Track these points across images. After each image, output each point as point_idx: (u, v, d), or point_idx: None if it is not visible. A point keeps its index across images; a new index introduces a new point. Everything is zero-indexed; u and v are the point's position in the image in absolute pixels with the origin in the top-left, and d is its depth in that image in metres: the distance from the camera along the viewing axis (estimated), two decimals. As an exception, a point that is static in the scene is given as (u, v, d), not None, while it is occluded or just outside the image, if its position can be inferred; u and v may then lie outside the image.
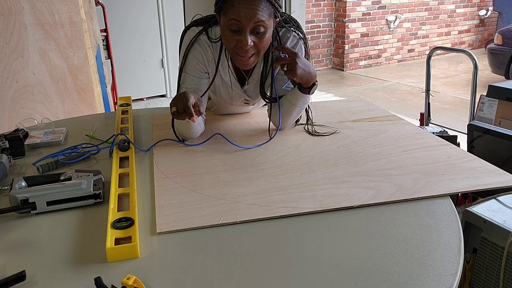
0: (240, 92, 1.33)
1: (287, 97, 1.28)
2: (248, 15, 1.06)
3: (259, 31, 1.09)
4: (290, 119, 1.32)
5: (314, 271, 0.70)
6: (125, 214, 0.85)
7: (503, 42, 4.99)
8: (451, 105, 4.62)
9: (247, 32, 1.08)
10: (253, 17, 1.06)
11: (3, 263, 0.74)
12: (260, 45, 1.12)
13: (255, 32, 1.10)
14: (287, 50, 1.16)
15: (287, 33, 1.26)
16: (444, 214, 0.86)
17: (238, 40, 1.10)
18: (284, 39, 1.26)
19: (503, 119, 2.31)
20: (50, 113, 2.35)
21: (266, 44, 1.15)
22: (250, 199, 0.93)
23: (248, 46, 1.09)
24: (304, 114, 1.38)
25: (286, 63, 1.15)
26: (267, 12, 1.08)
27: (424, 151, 1.17)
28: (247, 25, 1.07)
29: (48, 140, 1.28)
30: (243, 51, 1.11)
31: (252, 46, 1.11)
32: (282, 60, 1.15)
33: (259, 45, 1.12)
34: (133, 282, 0.65)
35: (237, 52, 1.13)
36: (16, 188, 0.92)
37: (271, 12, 1.10)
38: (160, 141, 1.26)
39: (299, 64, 1.15)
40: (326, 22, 6.39)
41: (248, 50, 1.11)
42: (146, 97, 4.87)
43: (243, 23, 1.07)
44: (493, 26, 7.68)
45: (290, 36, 1.26)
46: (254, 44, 1.11)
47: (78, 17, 2.32)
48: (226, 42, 1.14)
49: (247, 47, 1.10)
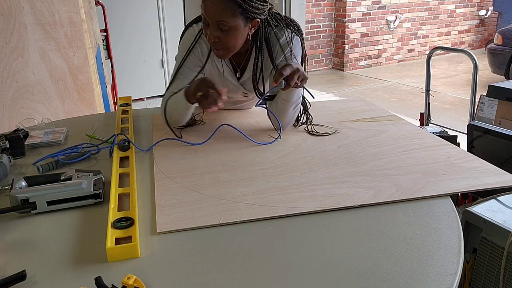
0: (236, 84, 1.37)
1: (280, 95, 1.30)
2: (210, 12, 1.13)
3: (223, 28, 1.15)
4: (288, 117, 1.32)
5: (314, 271, 0.70)
6: (125, 214, 0.85)
7: (503, 42, 4.99)
8: (451, 105, 4.62)
9: (211, 27, 1.16)
10: (214, 14, 1.13)
11: (3, 263, 0.74)
12: (225, 41, 1.17)
13: (219, 28, 1.15)
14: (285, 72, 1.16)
15: (280, 31, 1.29)
16: (444, 214, 0.86)
17: (209, 33, 1.18)
18: (278, 36, 1.29)
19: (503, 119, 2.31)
20: (50, 113, 2.35)
21: (233, 42, 1.18)
22: (250, 199, 0.93)
23: (211, 39, 1.17)
24: (303, 114, 1.38)
25: (297, 82, 1.19)
26: (229, 12, 1.12)
27: (424, 151, 1.17)
28: (210, 20, 1.15)
29: (48, 140, 1.28)
30: (211, 43, 1.19)
31: (217, 41, 1.17)
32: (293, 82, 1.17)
33: (224, 41, 1.17)
34: (133, 282, 0.65)
35: (210, 44, 1.21)
36: (16, 188, 0.92)
37: (236, 12, 1.13)
38: (160, 141, 1.26)
39: (301, 70, 1.19)
40: (326, 22, 6.39)
41: (215, 43, 1.18)
42: (146, 97, 4.87)
43: (208, 18, 1.15)
44: (493, 26, 7.69)
45: (284, 33, 1.29)
46: (219, 39, 1.17)
47: (78, 17, 2.32)
48: (204, 35, 1.22)
49: (211, 40, 1.17)
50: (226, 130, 1.35)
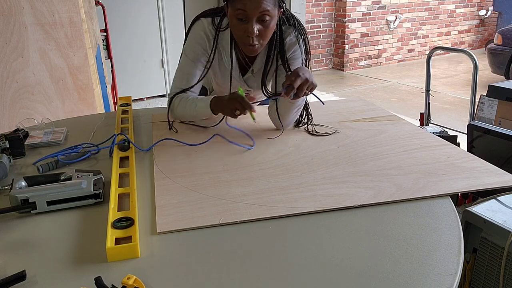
0: (240, 81, 1.38)
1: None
2: (253, 5, 1.12)
3: (265, 19, 1.15)
4: (290, 117, 1.33)
5: (314, 271, 0.70)
6: (125, 214, 0.85)
7: (503, 42, 4.99)
8: (451, 105, 4.62)
9: (253, 21, 1.14)
10: (259, 7, 1.12)
11: (3, 263, 0.74)
12: (265, 33, 1.18)
13: (261, 20, 1.15)
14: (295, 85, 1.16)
15: (288, 30, 1.30)
16: (444, 214, 0.86)
17: (245, 29, 1.16)
18: (285, 35, 1.30)
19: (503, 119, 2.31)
20: (50, 113, 2.34)
21: (271, 32, 1.21)
22: (250, 199, 0.93)
23: (254, 34, 1.15)
24: (304, 114, 1.38)
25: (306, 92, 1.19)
26: (272, 2, 1.14)
27: (424, 151, 1.17)
28: (253, 14, 1.13)
29: (48, 140, 1.28)
30: (250, 39, 1.17)
31: (257, 35, 1.17)
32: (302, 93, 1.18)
33: (264, 33, 1.18)
34: (133, 282, 0.65)
35: (243, 41, 1.19)
36: (16, 188, 0.92)
37: (275, 2, 1.16)
38: (160, 140, 1.26)
39: (310, 80, 1.17)
40: (326, 22, 6.39)
41: (254, 38, 1.17)
42: (146, 97, 4.87)
43: (249, 12, 1.13)
44: (493, 26, 7.69)
45: (291, 33, 1.30)
46: (259, 33, 1.17)
47: (78, 17, 2.32)
48: (234, 31, 1.21)
49: (253, 35, 1.16)
50: (226, 130, 1.35)
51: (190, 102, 1.30)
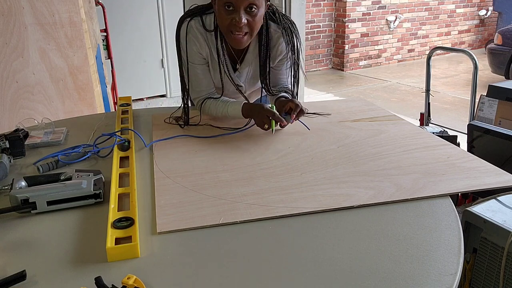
0: (232, 76, 1.39)
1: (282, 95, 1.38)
2: None
3: (252, 9, 1.18)
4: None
5: (314, 271, 0.70)
6: (125, 214, 0.85)
7: (503, 42, 4.99)
8: (451, 105, 4.62)
9: (241, 10, 1.17)
10: None
11: (3, 263, 0.74)
12: (253, 24, 1.21)
13: (248, 10, 1.18)
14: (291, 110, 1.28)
15: (278, 29, 1.33)
16: (444, 214, 0.86)
17: (233, 18, 1.18)
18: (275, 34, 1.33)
19: (503, 119, 2.31)
20: (50, 113, 2.34)
21: (259, 24, 1.23)
22: (250, 199, 0.93)
23: (241, 23, 1.18)
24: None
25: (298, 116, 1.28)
26: None
27: (424, 151, 1.17)
28: (241, 3, 1.16)
29: (48, 140, 1.28)
30: (237, 28, 1.19)
31: (245, 24, 1.19)
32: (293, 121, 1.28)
33: (252, 23, 1.20)
34: (134, 282, 0.65)
35: (231, 30, 1.21)
36: (16, 188, 0.92)
37: None
38: (162, 139, 1.26)
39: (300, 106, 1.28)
40: (326, 22, 6.39)
41: (242, 27, 1.19)
42: (146, 97, 4.86)
43: (237, 1, 1.16)
44: (493, 26, 7.68)
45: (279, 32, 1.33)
46: (247, 22, 1.19)
47: (78, 17, 2.32)
48: (221, 21, 1.22)
49: (240, 24, 1.18)
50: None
51: (221, 108, 1.37)
